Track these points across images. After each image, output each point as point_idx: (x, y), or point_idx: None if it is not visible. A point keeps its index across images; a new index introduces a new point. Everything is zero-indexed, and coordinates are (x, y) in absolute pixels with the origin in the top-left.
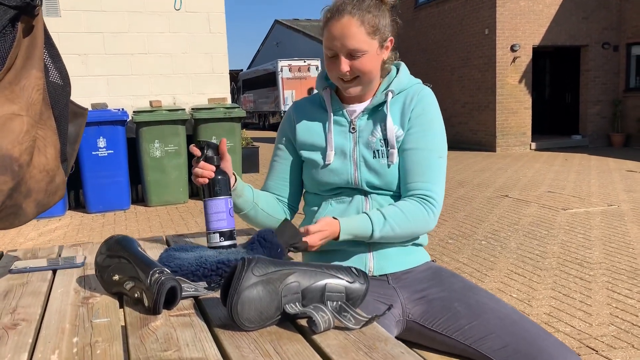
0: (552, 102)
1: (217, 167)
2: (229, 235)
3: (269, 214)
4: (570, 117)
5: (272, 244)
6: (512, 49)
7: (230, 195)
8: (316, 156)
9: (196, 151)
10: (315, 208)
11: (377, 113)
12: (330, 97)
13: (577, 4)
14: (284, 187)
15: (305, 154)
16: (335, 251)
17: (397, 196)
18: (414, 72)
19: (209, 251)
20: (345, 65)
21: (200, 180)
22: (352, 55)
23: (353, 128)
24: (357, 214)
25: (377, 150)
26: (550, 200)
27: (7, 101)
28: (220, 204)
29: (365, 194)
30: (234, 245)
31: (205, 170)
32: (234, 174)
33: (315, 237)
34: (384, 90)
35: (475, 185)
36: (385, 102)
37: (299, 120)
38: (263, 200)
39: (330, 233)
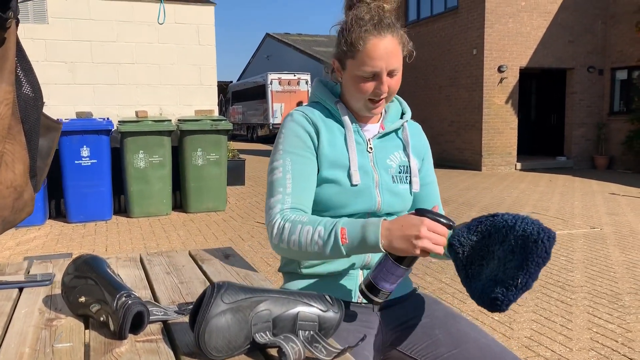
0: (537, 123)
1: None
2: (388, 295)
3: None
4: (556, 138)
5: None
6: (500, 69)
7: None
8: (340, 175)
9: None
10: None
11: (390, 137)
12: (346, 111)
13: (563, 27)
14: (312, 201)
15: (327, 171)
16: (324, 277)
17: None
18: (403, 90)
19: None
20: (386, 84)
21: (439, 249)
22: (390, 74)
23: (370, 148)
24: None
25: (396, 176)
26: None
27: None
28: (403, 273)
29: (370, 217)
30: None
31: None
32: None
33: None
34: (398, 117)
35: (460, 204)
36: (399, 128)
37: (321, 130)
38: None
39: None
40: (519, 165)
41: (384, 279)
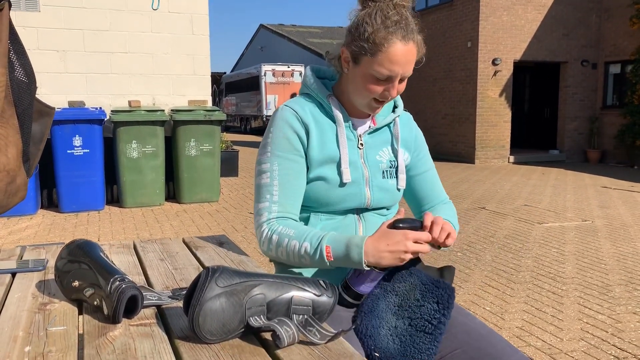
0: (531, 117)
1: None
2: (364, 298)
3: None
4: (549, 131)
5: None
6: (494, 62)
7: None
8: (330, 173)
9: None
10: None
11: (382, 131)
12: (339, 106)
13: (557, 21)
14: (299, 206)
15: (317, 170)
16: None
17: (385, 215)
18: None
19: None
20: (396, 89)
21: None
22: (401, 79)
23: (361, 144)
24: (352, 232)
25: (386, 171)
26: (527, 214)
27: None
28: (379, 276)
29: (359, 212)
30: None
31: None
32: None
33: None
34: (390, 110)
35: (453, 197)
36: (390, 123)
37: (311, 128)
38: None
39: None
40: (512, 158)
41: (362, 282)
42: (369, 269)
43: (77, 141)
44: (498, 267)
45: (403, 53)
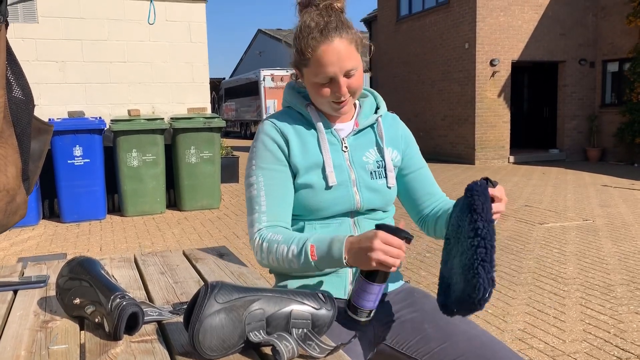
0: (530, 117)
1: None
2: (370, 314)
3: None
4: (548, 131)
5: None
6: (492, 63)
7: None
8: (315, 179)
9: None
10: None
11: (366, 133)
12: (317, 113)
13: (554, 20)
14: (290, 213)
15: (303, 177)
16: (315, 276)
17: (381, 219)
18: (395, 85)
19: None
20: (344, 87)
21: (394, 261)
22: (347, 75)
23: (345, 147)
24: None
25: (374, 172)
26: (527, 214)
27: None
28: (378, 290)
29: (353, 216)
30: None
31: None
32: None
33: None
34: (373, 112)
35: (453, 198)
36: (373, 124)
37: (290, 138)
38: None
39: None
40: (512, 159)
41: (363, 298)
42: (347, 266)
43: (78, 151)
44: (499, 269)
45: (330, 53)
